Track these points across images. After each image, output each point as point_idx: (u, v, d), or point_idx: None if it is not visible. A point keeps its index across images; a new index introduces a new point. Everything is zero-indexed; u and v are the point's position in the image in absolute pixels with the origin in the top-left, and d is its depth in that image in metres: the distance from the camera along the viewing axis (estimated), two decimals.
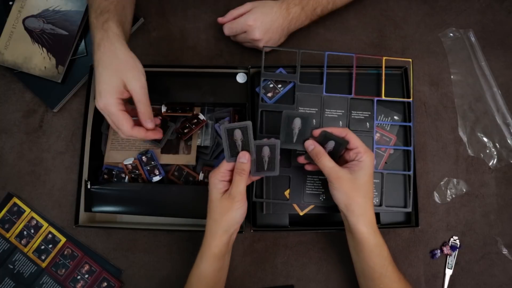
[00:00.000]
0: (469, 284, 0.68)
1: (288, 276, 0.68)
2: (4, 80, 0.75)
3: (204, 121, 0.69)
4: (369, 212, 0.53)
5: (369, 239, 0.53)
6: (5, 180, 0.72)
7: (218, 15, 0.72)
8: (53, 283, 0.68)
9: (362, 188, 0.53)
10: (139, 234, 0.70)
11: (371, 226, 0.53)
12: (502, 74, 0.75)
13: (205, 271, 0.54)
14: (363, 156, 0.53)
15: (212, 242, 0.53)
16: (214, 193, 0.54)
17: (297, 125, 0.55)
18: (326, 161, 0.53)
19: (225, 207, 0.53)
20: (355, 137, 0.54)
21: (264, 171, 0.55)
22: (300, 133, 0.55)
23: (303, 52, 0.64)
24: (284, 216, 0.64)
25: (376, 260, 0.54)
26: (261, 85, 0.65)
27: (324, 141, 0.55)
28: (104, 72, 0.54)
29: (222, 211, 0.53)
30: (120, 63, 0.54)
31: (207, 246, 0.54)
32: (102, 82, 0.54)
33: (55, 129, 0.74)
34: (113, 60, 0.54)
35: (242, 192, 0.52)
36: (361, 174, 0.52)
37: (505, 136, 0.72)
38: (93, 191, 0.65)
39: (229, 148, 0.53)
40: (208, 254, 0.54)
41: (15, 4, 0.74)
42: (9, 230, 0.70)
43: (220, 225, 0.53)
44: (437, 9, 0.78)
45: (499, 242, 0.69)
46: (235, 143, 0.52)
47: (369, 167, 0.53)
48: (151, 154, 0.68)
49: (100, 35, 0.56)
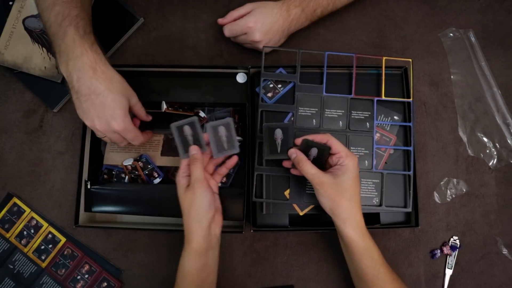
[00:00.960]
0: (469, 284, 0.68)
1: (288, 276, 0.68)
2: (4, 80, 0.75)
3: (205, 118, 0.69)
4: (355, 216, 0.54)
5: (358, 242, 0.53)
6: (5, 180, 0.72)
7: (218, 15, 0.72)
8: (53, 283, 0.68)
9: (347, 192, 0.53)
10: (139, 234, 0.70)
11: (358, 229, 0.54)
12: (502, 74, 0.75)
13: (188, 269, 0.54)
14: (345, 160, 0.53)
15: (191, 237, 0.54)
16: (180, 189, 0.55)
17: (279, 136, 0.58)
18: (308, 168, 0.54)
19: (190, 197, 0.54)
20: (336, 142, 0.54)
21: (225, 150, 0.57)
22: (283, 143, 0.58)
23: (303, 52, 0.64)
24: (284, 216, 0.64)
25: (367, 262, 0.54)
26: (261, 85, 0.65)
27: (306, 149, 0.56)
28: (115, 97, 0.56)
29: (189, 202, 0.54)
30: (122, 86, 0.57)
31: (187, 243, 0.54)
32: (117, 107, 0.56)
33: (55, 129, 0.74)
34: (117, 85, 0.57)
35: (200, 178, 0.54)
36: (345, 178, 0.53)
37: (505, 136, 0.72)
38: (93, 191, 0.65)
39: (182, 145, 0.56)
40: (189, 250, 0.54)
41: (15, 4, 0.74)
42: (9, 230, 0.70)
43: (191, 217, 0.54)
44: (437, 9, 0.78)
45: (499, 242, 0.69)
46: (186, 139, 0.56)
47: (352, 170, 0.53)
48: (145, 158, 0.68)
49: (91, 58, 0.55)
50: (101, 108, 0.55)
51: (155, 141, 0.70)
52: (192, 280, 0.54)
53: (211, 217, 0.54)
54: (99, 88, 0.54)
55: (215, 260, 0.57)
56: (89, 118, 0.56)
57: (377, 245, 0.55)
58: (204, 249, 0.54)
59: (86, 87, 0.54)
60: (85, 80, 0.54)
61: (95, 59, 0.55)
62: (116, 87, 0.56)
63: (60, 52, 0.55)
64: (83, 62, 0.54)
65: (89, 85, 0.54)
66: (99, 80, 0.54)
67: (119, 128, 0.57)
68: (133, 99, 0.59)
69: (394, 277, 0.56)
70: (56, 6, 0.56)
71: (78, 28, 0.55)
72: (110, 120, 0.56)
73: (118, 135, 0.59)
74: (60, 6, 0.56)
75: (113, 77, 0.56)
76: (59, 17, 0.55)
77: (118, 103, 0.56)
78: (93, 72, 0.54)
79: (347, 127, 0.64)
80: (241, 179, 0.68)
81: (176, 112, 0.69)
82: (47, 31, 0.57)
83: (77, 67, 0.54)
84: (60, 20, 0.55)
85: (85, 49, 0.54)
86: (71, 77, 0.55)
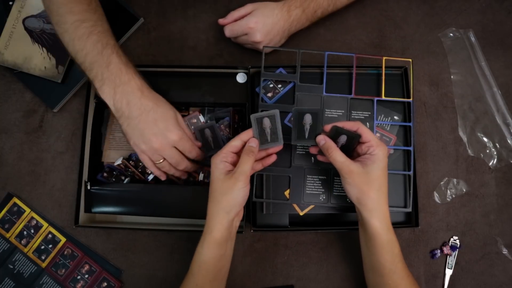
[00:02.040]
0: (469, 284, 0.68)
1: (288, 276, 0.68)
2: (4, 80, 0.75)
3: (204, 123, 0.69)
4: (383, 207, 0.53)
5: (382, 235, 0.52)
6: (5, 180, 0.72)
7: (218, 15, 0.72)
8: (53, 283, 0.68)
9: (375, 182, 0.52)
10: (139, 234, 0.70)
11: (384, 221, 0.53)
12: (502, 74, 0.75)
13: (206, 258, 0.54)
14: (376, 149, 0.53)
15: (213, 226, 0.53)
16: (216, 173, 0.54)
17: (308, 121, 0.56)
18: (337, 156, 0.53)
19: (227, 186, 0.53)
20: (367, 131, 0.53)
21: (268, 143, 0.56)
22: (312, 128, 0.56)
23: (303, 52, 0.64)
24: (284, 216, 0.64)
25: (387, 256, 0.53)
26: (261, 85, 0.65)
27: (335, 136, 0.55)
28: (166, 110, 0.59)
29: (224, 190, 0.53)
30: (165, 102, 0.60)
31: (208, 231, 0.53)
32: (166, 119, 0.58)
33: (55, 129, 0.74)
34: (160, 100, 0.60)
35: (247, 173, 0.52)
36: (374, 168, 0.52)
37: (505, 136, 0.72)
38: (93, 192, 0.65)
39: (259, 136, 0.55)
40: (209, 239, 0.53)
41: (15, 4, 0.74)
42: (9, 230, 0.70)
43: (221, 206, 0.53)
44: (437, 9, 0.78)
45: (499, 242, 0.69)
46: (264, 131, 0.55)
47: (381, 160, 0.52)
48: (135, 157, 0.68)
49: (138, 81, 0.58)
50: (154, 124, 0.57)
51: None
52: (208, 270, 0.54)
53: (239, 210, 0.55)
54: (148, 105, 0.57)
55: (231, 252, 0.57)
56: (146, 139, 0.57)
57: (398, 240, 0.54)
58: (224, 239, 0.54)
59: (137, 107, 0.57)
60: (135, 101, 0.57)
61: (141, 83, 0.58)
62: (163, 102, 0.60)
63: (103, 80, 0.57)
64: (131, 87, 0.57)
65: (139, 105, 0.57)
66: (147, 99, 0.57)
67: (176, 136, 0.58)
68: (178, 116, 0.61)
69: (409, 274, 0.55)
70: (92, 35, 0.57)
71: (120, 57, 0.58)
72: (165, 133, 0.57)
73: (176, 152, 0.59)
74: (97, 35, 0.58)
75: (158, 97, 0.60)
76: (98, 46, 0.57)
77: (168, 115, 0.58)
78: (141, 93, 0.57)
79: None
80: None
81: None
82: (81, 59, 0.58)
83: (126, 92, 0.57)
84: (100, 48, 0.57)
85: (132, 76, 0.57)
86: (120, 103, 0.57)
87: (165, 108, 0.59)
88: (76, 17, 0.57)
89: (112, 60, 0.57)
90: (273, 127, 0.55)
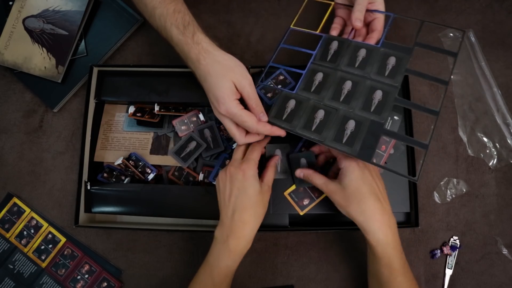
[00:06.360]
0: (469, 284, 0.68)
1: (288, 276, 0.68)
2: (4, 80, 0.75)
3: (203, 122, 0.69)
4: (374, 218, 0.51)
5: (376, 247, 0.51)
6: (5, 180, 0.72)
7: (218, 15, 0.72)
8: (53, 283, 0.68)
9: (354, 195, 0.51)
10: (139, 234, 0.70)
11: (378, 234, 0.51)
12: (502, 74, 0.75)
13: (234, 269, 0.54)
14: (343, 162, 0.53)
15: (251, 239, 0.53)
16: (257, 187, 0.54)
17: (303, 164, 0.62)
18: (316, 179, 0.55)
19: (266, 200, 0.55)
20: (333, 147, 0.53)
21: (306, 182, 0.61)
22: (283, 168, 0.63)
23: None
24: (284, 216, 0.64)
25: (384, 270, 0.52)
26: (261, 86, 0.65)
27: (297, 163, 0.61)
28: (215, 80, 0.54)
29: (265, 204, 0.55)
30: (225, 68, 0.55)
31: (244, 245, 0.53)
32: (217, 89, 0.54)
33: (55, 129, 0.74)
34: (218, 67, 0.55)
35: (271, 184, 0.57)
36: (347, 181, 0.52)
37: (505, 136, 0.72)
38: (93, 192, 0.65)
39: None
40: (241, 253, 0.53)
41: (15, 4, 0.74)
42: (9, 230, 0.70)
43: (261, 219, 0.54)
44: (437, 9, 0.78)
45: (499, 242, 0.69)
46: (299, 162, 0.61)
47: (352, 171, 0.52)
48: (135, 156, 0.68)
49: (195, 50, 0.55)
50: (208, 93, 0.56)
51: (144, 140, 0.70)
52: (231, 278, 0.55)
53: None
54: (202, 75, 0.56)
55: None
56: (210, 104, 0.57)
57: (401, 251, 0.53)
58: (247, 249, 0.54)
59: (198, 76, 0.57)
60: (196, 71, 0.57)
61: (198, 50, 0.55)
62: (217, 69, 0.55)
63: (179, 54, 0.59)
64: (191, 58, 0.56)
65: (198, 75, 0.57)
66: (201, 68, 0.55)
67: (222, 111, 0.54)
68: (243, 81, 0.54)
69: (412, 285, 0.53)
70: (156, 9, 0.58)
71: (178, 26, 0.57)
72: (214, 103, 0.55)
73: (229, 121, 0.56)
74: (159, 8, 0.58)
75: (214, 61, 0.55)
76: (162, 20, 0.58)
77: (217, 86, 0.54)
78: (198, 63, 0.55)
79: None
80: None
81: (168, 113, 0.69)
82: (161, 35, 0.60)
83: (191, 62, 0.57)
84: (163, 22, 0.58)
85: (190, 46, 0.56)
86: (194, 73, 0.58)
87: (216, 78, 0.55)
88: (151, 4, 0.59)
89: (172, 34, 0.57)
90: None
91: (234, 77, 0.54)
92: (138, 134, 0.71)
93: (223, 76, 0.54)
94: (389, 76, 0.57)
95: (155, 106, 0.68)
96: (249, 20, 0.78)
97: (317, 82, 0.60)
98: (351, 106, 0.56)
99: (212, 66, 0.54)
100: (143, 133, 0.71)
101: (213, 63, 0.55)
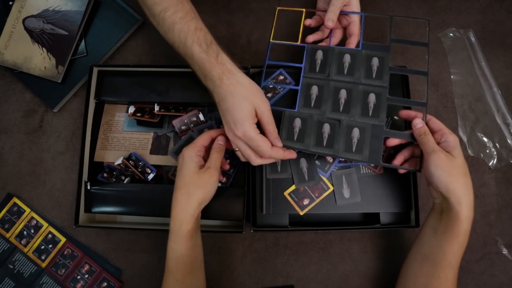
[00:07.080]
0: (469, 284, 0.68)
1: (288, 276, 0.68)
2: (4, 80, 0.75)
3: (203, 122, 0.69)
4: (471, 195, 0.52)
5: (464, 224, 0.51)
6: (5, 180, 0.72)
7: (218, 15, 0.72)
8: (53, 283, 0.68)
9: (462, 167, 0.53)
10: (139, 234, 0.70)
11: (471, 211, 0.52)
12: (502, 74, 0.75)
13: (181, 252, 0.54)
14: (449, 136, 0.54)
15: (184, 219, 0.53)
16: (192, 166, 0.55)
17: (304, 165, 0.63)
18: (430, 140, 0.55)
19: (203, 180, 0.54)
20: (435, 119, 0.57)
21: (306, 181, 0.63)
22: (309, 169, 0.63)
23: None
24: (284, 216, 0.64)
25: (455, 247, 0.52)
26: (261, 85, 0.65)
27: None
28: (237, 101, 0.54)
29: (199, 184, 0.54)
30: (247, 91, 0.55)
31: (178, 225, 0.54)
32: (236, 111, 0.54)
33: (55, 129, 0.74)
34: (242, 89, 0.54)
35: (219, 169, 0.57)
36: (456, 153, 0.53)
37: (505, 136, 0.72)
38: (93, 192, 0.65)
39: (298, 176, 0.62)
40: (181, 233, 0.53)
41: (15, 4, 0.74)
42: (9, 230, 0.70)
43: (195, 198, 0.54)
44: (437, 9, 0.78)
45: (499, 242, 0.69)
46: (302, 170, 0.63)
47: (458, 147, 0.54)
48: (135, 156, 0.68)
49: (219, 70, 0.55)
50: (225, 113, 0.55)
51: (144, 140, 0.70)
52: (185, 263, 0.55)
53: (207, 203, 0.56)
54: (221, 94, 0.55)
55: (201, 241, 0.58)
56: (224, 124, 0.56)
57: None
58: (194, 230, 0.55)
59: (216, 94, 0.56)
60: (216, 89, 0.56)
61: (222, 70, 0.55)
62: (239, 91, 0.54)
63: (197, 71, 0.58)
64: (213, 76, 0.55)
65: (217, 93, 0.56)
66: (222, 87, 0.55)
67: (239, 133, 0.54)
68: (262, 106, 0.55)
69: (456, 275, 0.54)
70: (175, 25, 0.57)
71: (200, 44, 0.56)
72: (231, 125, 0.55)
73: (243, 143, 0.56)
74: (179, 24, 0.57)
75: (238, 82, 0.55)
76: (182, 36, 0.57)
77: (238, 108, 0.54)
78: (221, 81, 0.55)
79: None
80: (241, 179, 0.68)
81: (168, 113, 0.69)
82: (177, 51, 0.59)
83: (210, 81, 0.56)
84: (183, 39, 0.56)
85: (213, 64, 0.55)
86: (210, 91, 0.57)
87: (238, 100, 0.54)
88: (160, 7, 0.58)
89: (194, 51, 0.56)
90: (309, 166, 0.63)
91: (255, 101, 0.54)
92: (138, 134, 0.71)
93: (245, 98, 0.54)
94: (377, 78, 0.60)
95: (155, 106, 0.68)
96: (249, 20, 0.78)
97: (314, 96, 0.61)
98: (351, 114, 0.58)
99: (235, 87, 0.54)
100: (143, 133, 0.71)
101: (236, 85, 0.55)
